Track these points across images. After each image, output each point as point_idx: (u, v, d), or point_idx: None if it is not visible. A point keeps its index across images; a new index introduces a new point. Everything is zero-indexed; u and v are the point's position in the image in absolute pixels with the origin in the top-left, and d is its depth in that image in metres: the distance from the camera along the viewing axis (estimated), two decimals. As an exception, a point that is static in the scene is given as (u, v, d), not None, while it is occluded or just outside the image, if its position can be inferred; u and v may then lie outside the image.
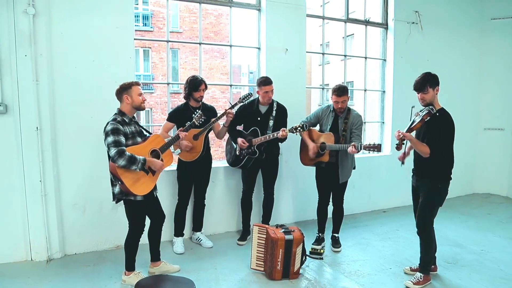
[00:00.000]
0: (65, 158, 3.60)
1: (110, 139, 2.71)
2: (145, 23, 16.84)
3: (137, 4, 16.38)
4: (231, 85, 4.57)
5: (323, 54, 5.03)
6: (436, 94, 3.01)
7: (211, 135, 3.99)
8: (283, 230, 3.21)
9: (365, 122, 5.41)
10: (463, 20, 5.80)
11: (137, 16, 16.48)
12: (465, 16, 5.82)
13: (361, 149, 3.37)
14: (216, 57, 17.42)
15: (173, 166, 4.04)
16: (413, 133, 3.04)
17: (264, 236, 3.24)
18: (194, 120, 3.32)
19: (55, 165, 3.55)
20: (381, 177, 5.25)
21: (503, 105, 6.00)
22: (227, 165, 4.15)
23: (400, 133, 2.91)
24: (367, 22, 5.18)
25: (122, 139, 2.76)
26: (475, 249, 3.93)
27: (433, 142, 2.95)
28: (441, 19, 5.54)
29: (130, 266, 3.07)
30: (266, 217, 4.16)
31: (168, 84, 4.44)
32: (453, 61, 5.76)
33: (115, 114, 2.90)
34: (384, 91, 5.41)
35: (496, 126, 6.07)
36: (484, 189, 6.26)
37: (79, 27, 3.55)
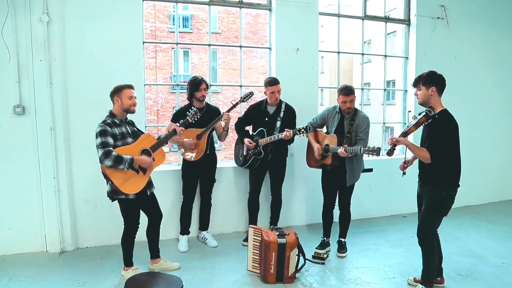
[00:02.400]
0: (77, 156, 3.80)
1: (98, 140, 2.84)
2: (185, 25, 17.36)
3: (175, 9, 16.90)
4: (241, 86, 4.58)
5: (338, 53, 4.88)
6: (432, 95, 2.79)
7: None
8: (277, 233, 3.17)
9: (384, 123, 5.22)
10: (497, 13, 5.35)
11: (178, 18, 17.03)
12: (498, 10, 5.36)
13: (360, 152, 3.24)
14: (255, 57, 17.52)
15: (178, 166, 4.15)
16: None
17: (259, 238, 3.22)
18: (187, 117, 3.32)
19: (68, 163, 3.76)
20: (401, 180, 4.97)
21: (544, 105, 5.50)
22: (236, 165, 4.17)
23: (393, 139, 2.76)
24: (387, 19, 4.95)
25: (110, 140, 2.86)
26: (494, 262, 3.64)
27: (434, 147, 2.75)
28: (470, 14, 5.16)
29: (128, 262, 3.19)
30: (274, 219, 4.14)
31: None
32: (485, 58, 5.35)
33: (107, 116, 3.02)
34: (406, 91, 5.15)
35: (535, 127, 5.57)
36: (522, 196, 5.78)
37: (90, 32, 3.73)
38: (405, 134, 2.78)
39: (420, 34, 4.95)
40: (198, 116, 3.39)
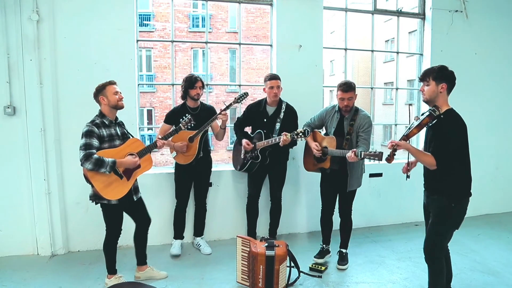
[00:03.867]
0: (69, 158, 3.71)
1: (82, 141, 2.71)
2: (204, 25, 17.37)
3: (197, 8, 16.93)
4: (240, 85, 4.38)
5: (345, 49, 4.58)
6: (442, 92, 2.47)
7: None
8: (266, 244, 2.95)
9: (396, 124, 4.89)
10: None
11: (197, 18, 17.07)
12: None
13: (361, 156, 2.96)
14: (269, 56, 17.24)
15: (172, 168, 4.00)
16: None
17: (248, 249, 3.01)
18: (180, 125, 3.18)
19: (59, 165, 3.68)
20: (413, 184, 4.64)
21: None
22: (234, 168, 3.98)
23: (393, 143, 2.48)
24: (399, 13, 4.61)
25: (94, 142, 2.73)
26: (514, 280, 3.28)
27: (439, 151, 2.44)
28: (492, 5, 4.72)
29: (111, 270, 3.06)
30: (273, 226, 3.92)
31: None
32: (509, 54, 4.89)
33: (96, 115, 2.89)
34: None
35: None
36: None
37: (82, 30, 3.63)
38: (406, 137, 2.48)
39: (436, 28, 4.58)
40: (192, 124, 3.23)
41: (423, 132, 2.67)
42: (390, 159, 2.47)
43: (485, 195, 4.70)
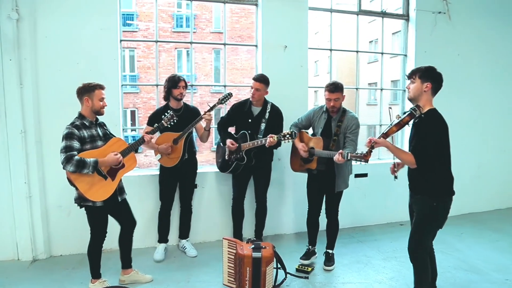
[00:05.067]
0: (50, 161, 3.62)
1: (62, 144, 2.66)
2: (188, 25, 17.26)
3: (181, 8, 16.81)
4: (225, 86, 4.35)
5: (330, 50, 4.61)
6: (426, 91, 2.49)
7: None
8: (253, 246, 2.93)
9: (381, 125, 4.93)
10: (502, 7, 5.00)
11: (181, 18, 16.95)
12: (504, 2, 5.01)
13: (347, 158, 2.97)
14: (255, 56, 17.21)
15: (156, 170, 3.94)
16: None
17: (234, 251, 2.99)
18: (162, 121, 3.12)
19: (40, 168, 3.59)
20: (398, 184, 4.69)
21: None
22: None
23: (371, 140, 2.49)
24: (383, 14, 4.66)
25: (75, 144, 2.67)
26: (497, 278, 3.31)
27: (418, 150, 2.47)
28: (474, 7, 4.82)
29: (95, 274, 2.99)
30: (259, 227, 3.90)
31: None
32: (491, 55, 5.01)
33: (76, 117, 2.82)
34: (405, 90, 4.84)
35: (546, 129, 5.20)
36: (531, 202, 5.40)
37: (63, 30, 3.55)
38: (385, 135, 2.50)
39: (420, 30, 4.65)
40: (175, 120, 3.18)
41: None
42: (367, 156, 2.48)
43: (468, 194, 4.77)
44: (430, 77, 2.51)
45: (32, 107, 3.49)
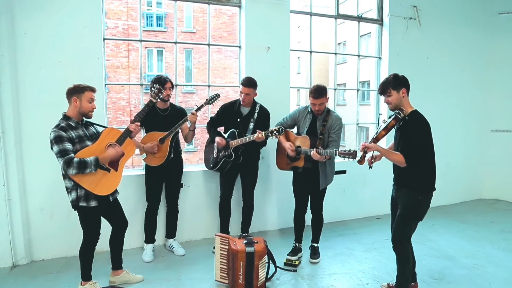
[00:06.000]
0: (31, 162, 3.51)
1: (55, 149, 2.59)
2: (159, 24, 16.96)
3: (151, 6, 16.51)
4: (209, 86, 4.40)
5: (310, 52, 4.76)
6: (404, 96, 2.71)
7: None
8: (246, 241, 3.00)
9: (358, 124, 5.15)
10: (467, 15, 5.41)
11: (151, 17, 16.62)
12: (469, 11, 5.42)
13: (335, 155, 3.12)
14: (231, 56, 17.29)
15: (142, 170, 3.92)
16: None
17: (226, 247, 3.05)
18: (150, 98, 3.05)
19: (20, 169, 3.46)
20: (375, 182, 4.96)
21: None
22: (206, 169, 3.97)
23: (364, 145, 2.66)
24: (359, 18, 4.88)
25: (68, 145, 2.62)
26: (467, 263, 3.60)
27: (406, 150, 2.66)
28: (442, 14, 5.18)
29: (86, 276, 2.93)
30: (245, 224, 3.97)
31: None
32: (456, 59, 5.39)
33: (60, 119, 2.76)
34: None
35: (504, 128, 5.65)
36: (491, 194, 5.85)
37: (44, 26, 3.45)
38: (375, 139, 2.69)
39: (392, 34, 4.92)
40: (161, 95, 3.12)
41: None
42: (361, 161, 2.67)
43: (438, 189, 5.06)
44: (401, 83, 2.72)
45: (11, 107, 3.36)
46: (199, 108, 3.52)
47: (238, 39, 4.32)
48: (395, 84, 2.70)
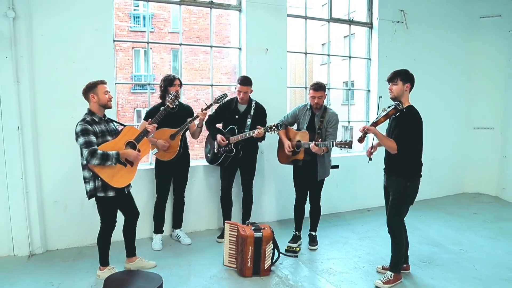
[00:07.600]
0: (46, 157, 3.70)
1: (81, 140, 2.81)
2: (145, 24, 17.01)
3: (138, 6, 16.58)
4: (212, 85, 4.64)
5: (305, 53, 5.06)
6: (406, 91, 3.03)
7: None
8: (253, 227, 3.27)
9: (349, 121, 5.46)
10: (451, 19, 5.78)
11: (138, 17, 16.69)
12: (453, 15, 5.80)
13: (332, 145, 3.41)
14: (217, 57, 17.48)
15: (152, 164, 4.14)
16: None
17: (235, 233, 3.30)
18: (167, 103, 3.36)
19: (37, 163, 3.66)
20: (366, 175, 5.27)
21: (493, 104, 5.97)
22: (207, 163, 4.22)
23: (364, 127, 2.96)
24: (351, 22, 5.20)
25: (93, 138, 2.85)
26: (453, 249, 3.93)
27: (400, 138, 2.97)
28: (427, 18, 5.54)
29: (104, 261, 3.16)
30: (245, 215, 4.22)
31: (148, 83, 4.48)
32: (441, 60, 5.75)
33: (85, 114, 2.99)
34: (369, 90, 5.43)
35: (486, 125, 6.05)
36: (474, 188, 6.23)
37: (59, 29, 3.66)
38: (375, 124, 3.00)
39: (381, 36, 5.25)
40: (177, 102, 3.43)
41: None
42: (361, 139, 3.00)
43: (424, 183, 5.37)
44: (409, 79, 3.05)
45: (29, 104, 3.56)
46: (208, 107, 3.75)
47: (239, 41, 4.58)
48: (404, 77, 3.02)
